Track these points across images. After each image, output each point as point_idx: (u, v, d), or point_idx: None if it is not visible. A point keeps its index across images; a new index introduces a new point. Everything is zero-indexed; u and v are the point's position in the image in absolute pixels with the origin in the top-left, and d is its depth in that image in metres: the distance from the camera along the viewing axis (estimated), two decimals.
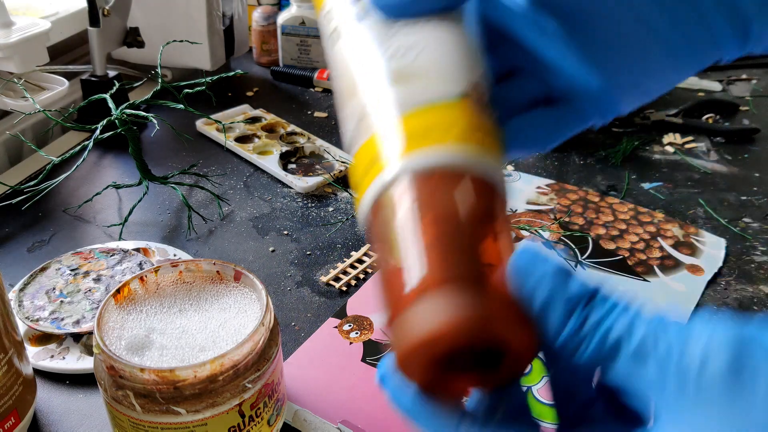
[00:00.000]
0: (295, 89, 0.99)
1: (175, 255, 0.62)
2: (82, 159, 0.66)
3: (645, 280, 0.61)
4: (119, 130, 0.66)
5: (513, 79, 0.30)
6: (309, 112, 0.92)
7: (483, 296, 0.21)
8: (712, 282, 0.61)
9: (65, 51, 0.93)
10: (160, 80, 0.66)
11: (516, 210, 0.71)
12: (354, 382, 0.50)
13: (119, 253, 0.60)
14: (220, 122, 0.73)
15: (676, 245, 0.65)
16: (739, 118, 0.91)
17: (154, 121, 0.64)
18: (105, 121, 0.66)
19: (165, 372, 0.37)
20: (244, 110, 0.90)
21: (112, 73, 0.84)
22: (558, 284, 0.21)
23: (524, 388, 0.49)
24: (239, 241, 0.66)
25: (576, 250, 0.65)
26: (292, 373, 0.51)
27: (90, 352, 0.52)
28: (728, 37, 0.25)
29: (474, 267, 0.22)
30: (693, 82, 1.00)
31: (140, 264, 0.59)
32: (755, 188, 0.75)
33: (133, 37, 0.87)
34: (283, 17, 1.01)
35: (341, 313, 0.56)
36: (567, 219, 0.69)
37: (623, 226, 0.68)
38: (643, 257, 0.64)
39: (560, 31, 0.26)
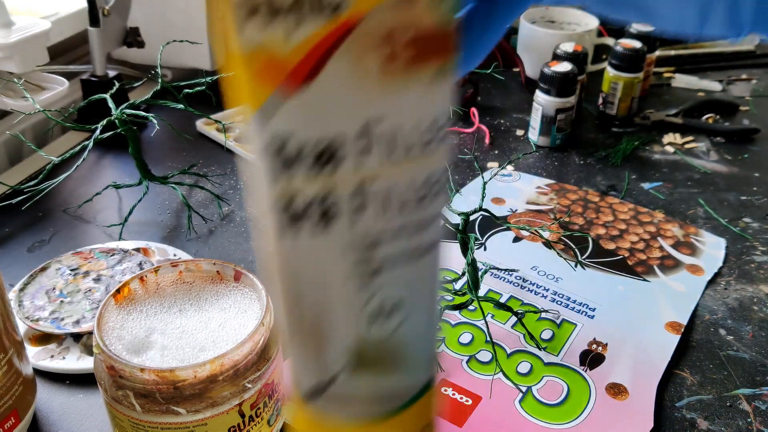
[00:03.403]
0: None
1: (175, 255, 0.62)
2: (82, 159, 0.66)
3: (645, 280, 0.61)
4: (119, 130, 0.66)
5: None
6: None
7: None
8: (712, 282, 0.61)
9: (65, 51, 0.93)
10: (160, 80, 0.66)
11: (516, 210, 0.71)
12: None
13: (119, 253, 0.60)
14: (220, 122, 0.72)
15: (676, 245, 0.65)
16: (739, 118, 0.91)
17: (154, 121, 0.64)
18: (105, 121, 0.65)
19: (165, 372, 0.37)
20: None
21: (112, 73, 0.84)
22: None
23: (524, 388, 0.49)
24: (239, 241, 0.66)
25: (576, 250, 0.65)
26: None
27: (90, 352, 0.51)
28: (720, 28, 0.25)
29: None
30: (693, 82, 1.00)
31: (140, 264, 0.59)
32: (755, 188, 0.75)
33: (133, 37, 0.87)
34: None
35: None
36: (567, 219, 0.69)
37: (623, 226, 0.68)
38: (643, 257, 0.64)
39: None
